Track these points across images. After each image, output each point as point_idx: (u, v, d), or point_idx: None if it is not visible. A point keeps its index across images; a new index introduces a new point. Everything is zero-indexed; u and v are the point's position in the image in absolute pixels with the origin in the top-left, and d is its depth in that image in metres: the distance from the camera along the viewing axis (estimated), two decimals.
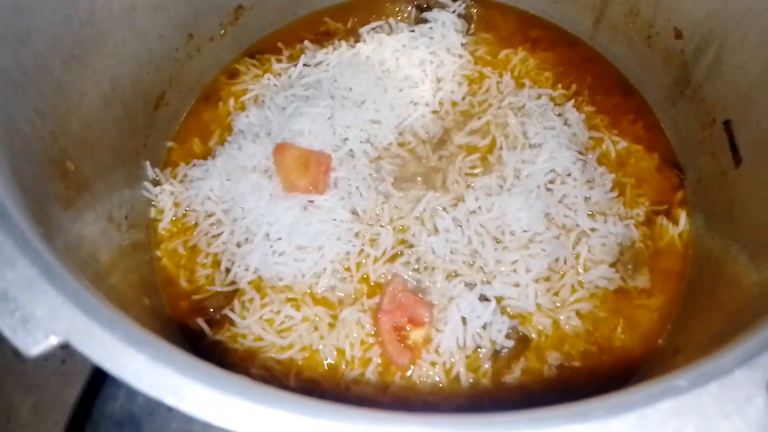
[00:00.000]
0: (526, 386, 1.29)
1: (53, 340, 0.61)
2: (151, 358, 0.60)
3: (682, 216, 1.47)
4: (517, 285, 1.35)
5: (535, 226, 1.40)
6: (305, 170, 1.44)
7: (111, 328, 0.61)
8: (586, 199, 1.44)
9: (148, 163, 1.51)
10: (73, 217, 1.08)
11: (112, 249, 1.24)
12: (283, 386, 1.29)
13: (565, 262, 1.38)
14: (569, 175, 1.46)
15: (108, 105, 1.31)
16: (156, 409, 0.72)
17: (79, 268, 0.85)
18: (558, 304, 1.36)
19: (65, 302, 0.63)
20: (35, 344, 0.61)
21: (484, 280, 1.36)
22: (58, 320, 0.62)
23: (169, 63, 1.54)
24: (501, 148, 1.52)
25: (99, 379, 0.76)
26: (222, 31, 1.67)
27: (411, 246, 1.42)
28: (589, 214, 1.43)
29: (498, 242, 1.40)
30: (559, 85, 1.65)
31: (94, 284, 0.77)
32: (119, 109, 1.36)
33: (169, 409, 0.67)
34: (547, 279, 1.37)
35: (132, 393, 0.72)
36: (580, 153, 1.51)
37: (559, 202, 1.43)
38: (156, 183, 1.52)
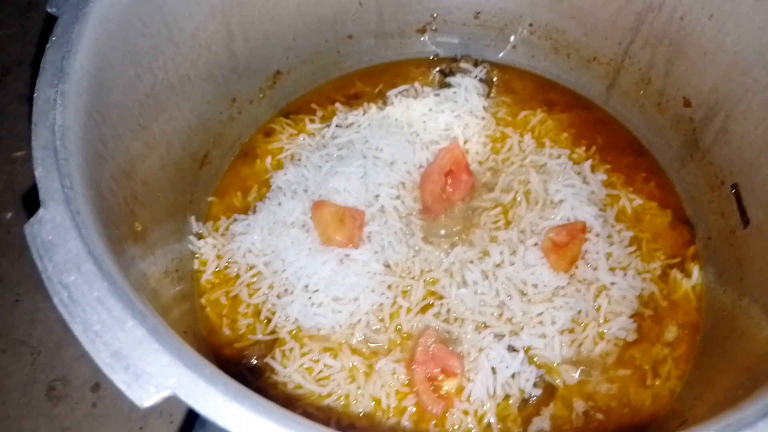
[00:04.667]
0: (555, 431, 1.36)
1: (164, 394, 0.70)
2: (250, 410, 0.69)
3: (695, 270, 1.56)
4: (543, 336, 1.43)
5: (555, 280, 1.49)
6: (341, 225, 1.52)
7: (214, 383, 0.70)
8: (608, 255, 1.53)
9: (193, 217, 1.61)
10: (135, 276, 1.18)
11: (164, 299, 1.33)
12: None
13: (586, 315, 1.46)
14: (591, 231, 1.55)
15: (163, 166, 1.42)
16: None
17: None
18: (581, 355, 1.44)
19: (172, 360, 0.72)
20: (148, 397, 0.70)
21: (512, 331, 1.43)
22: (166, 376, 0.71)
23: (213, 125, 1.66)
24: (521, 204, 1.61)
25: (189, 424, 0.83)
26: (261, 95, 1.79)
27: (441, 297, 1.49)
28: (609, 269, 1.51)
29: (524, 295, 1.48)
30: (581, 146, 1.74)
31: None
32: (172, 169, 1.47)
33: None
34: (571, 331, 1.45)
35: None
36: (600, 210, 1.60)
37: (581, 258, 1.52)
38: (199, 236, 1.61)
